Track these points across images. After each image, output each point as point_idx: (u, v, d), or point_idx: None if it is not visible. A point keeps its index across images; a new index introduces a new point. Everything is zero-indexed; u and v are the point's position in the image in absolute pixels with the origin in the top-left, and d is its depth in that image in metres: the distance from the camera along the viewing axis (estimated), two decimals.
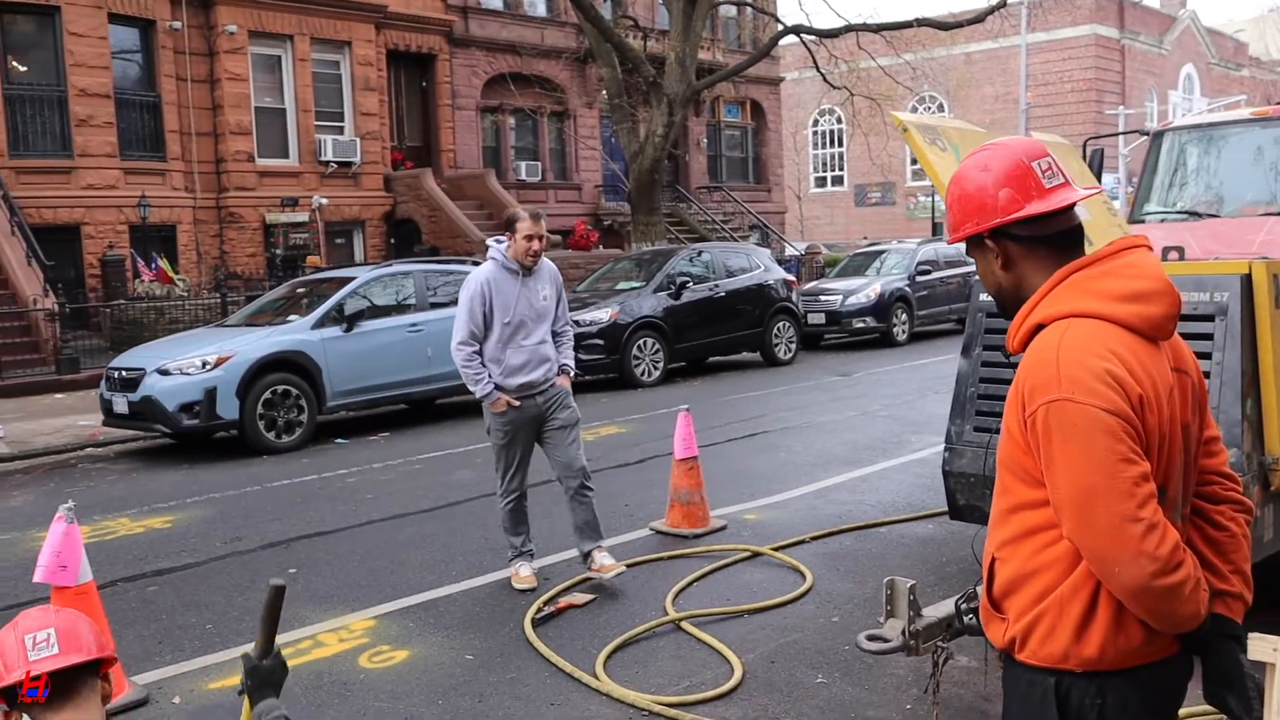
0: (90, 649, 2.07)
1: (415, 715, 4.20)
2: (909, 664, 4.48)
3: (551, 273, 5.72)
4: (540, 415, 5.62)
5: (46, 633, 2.04)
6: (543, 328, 5.60)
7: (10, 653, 2.02)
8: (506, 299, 5.49)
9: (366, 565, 6.26)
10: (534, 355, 5.54)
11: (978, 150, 2.02)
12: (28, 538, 7.22)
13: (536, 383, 5.58)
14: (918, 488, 7.65)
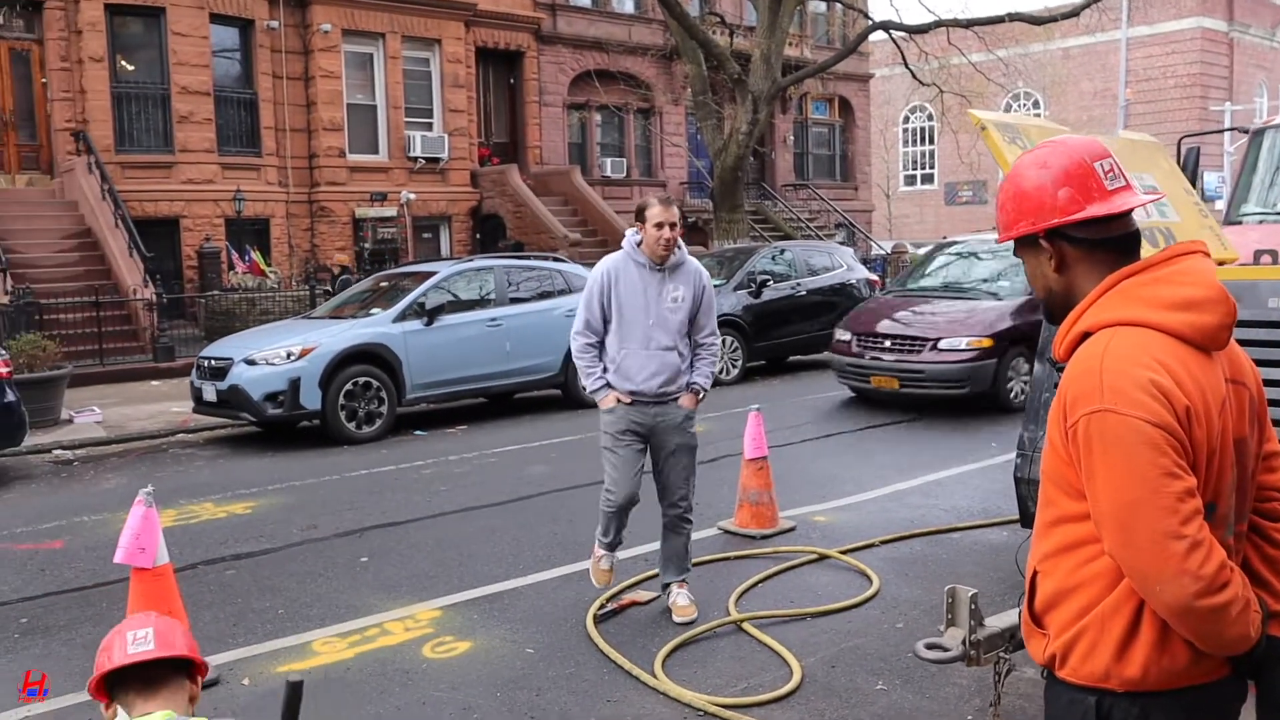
0: (180, 649, 2.28)
1: (473, 706, 4.25)
2: (972, 674, 4.40)
3: (694, 273, 5.06)
4: (653, 430, 5.04)
5: (146, 631, 2.28)
6: (669, 333, 4.96)
7: (115, 646, 2.26)
8: (628, 294, 4.96)
9: (436, 556, 6.36)
10: (654, 363, 4.95)
11: (1033, 149, 1.95)
12: (118, 519, 7.46)
13: (651, 394, 4.98)
14: (994, 493, 7.49)
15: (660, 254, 4.92)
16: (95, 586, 5.99)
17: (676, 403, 5.04)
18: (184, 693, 2.29)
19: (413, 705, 4.29)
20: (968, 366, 10.43)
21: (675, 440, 5.06)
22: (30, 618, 5.54)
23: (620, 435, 5.04)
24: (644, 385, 4.98)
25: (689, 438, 5.11)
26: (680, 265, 5.03)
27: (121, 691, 2.24)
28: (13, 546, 6.95)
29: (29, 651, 5.05)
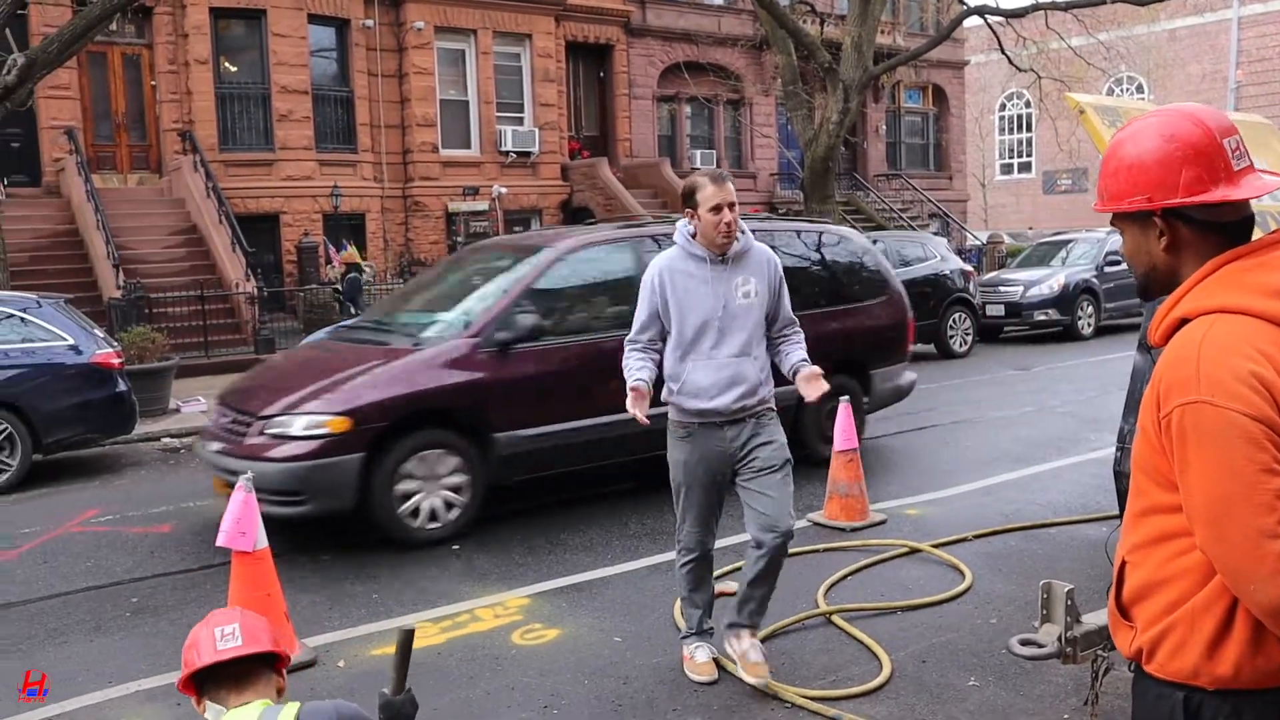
0: (266, 644, 2.34)
1: (561, 693, 4.29)
2: (1069, 672, 4.30)
3: (763, 260, 4.24)
4: (730, 454, 4.20)
5: (232, 627, 2.33)
6: (742, 335, 4.13)
7: (203, 643, 2.32)
8: (688, 294, 4.12)
9: (525, 545, 6.43)
10: (727, 373, 4.12)
11: (1154, 112, 1.81)
12: (221, 504, 7.70)
13: (726, 410, 4.13)
14: (1093, 488, 7.29)
15: (720, 243, 4.08)
16: (200, 569, 6.21)
17: (759, 420, 4.23)
18: (272, 685, 2.35)
19: (502, 691, 4.34)
20: (300, 468, 6.13)
21: (764, 454, 4.18)
22: (140, 597, 5.76)
23: (692, 467, 4.22)
24: (717, 402, 4.11)
25: (778, 448, 4.22)
26: (746, 252, 4.19)
27: (213, 687, 2.30)
28: (125, 529, 7.24)
29: (139, 630, 5.26)
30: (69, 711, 4.32)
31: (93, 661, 4.85)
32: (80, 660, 4.87)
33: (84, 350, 9.17)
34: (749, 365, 4.17)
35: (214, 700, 2.30)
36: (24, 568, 6.44)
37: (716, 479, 4.26)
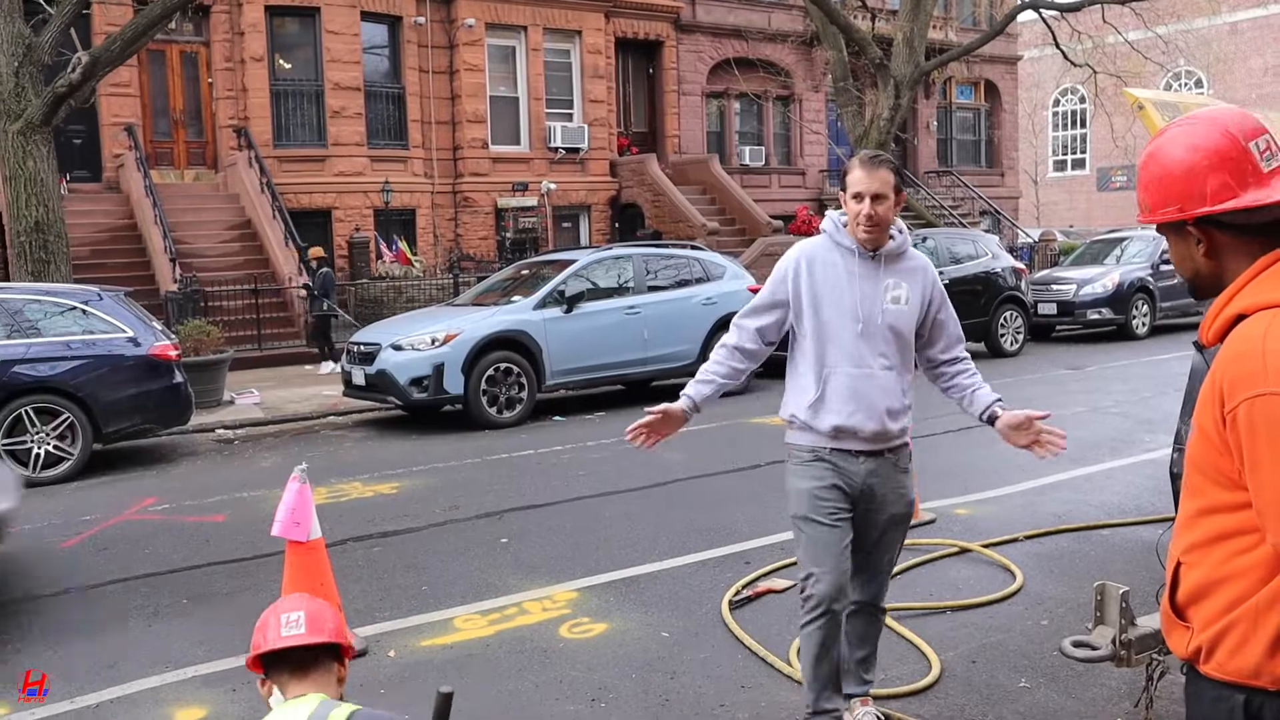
0: (330, 634, 2.37)
1: (608, 687, 4.31)
2: (1121, 675, 4.24)
3: (919, 267, 3.58)
4: (866, 492, 3.48)
5: (297, 614, 2.38)
6: (886, 345, 3.46)
7: (270, 627, 2.37)
8: (828, 287, 3.48)
9: (573, 539, 6.46)
10: (870, 388, 3.43)
11: (1180, 122, 1.84)
12: (274, 495, 7.82)
13: (863, 432, 3.43)
14: (1148, 490, 7.18)
15: (861, 235, 3.45)
16: (254, 559, 6.31)
17: (896, 458, 3.54)
18: (332, 674, 2.39)
19: (550, 684, 4.37)
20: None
21: (891, 509, 3.54)
22: (196, 586, 5.87)
23: (821, 498, 3.45)
24: (854, 421, 3.41)
25: (907, 505, 3.61)
26: (902, 254, 3.55)
27: (276, 670, 2.36)
28: (182, 518, 7.38)
29: (195, 616, 5.36)
30: (129, 695, 4.43)
31: (153, 646, 4.96)
32: (140, 645, 4.98)
33: (143, 342, 9.35)
34: (893, 381, 3.47)
35: (277, 683, 2.35)
36: (84, 554, 6.59)
37: (843, 514, 3.47)
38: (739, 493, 7.47)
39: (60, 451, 8.83)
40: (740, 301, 12.26)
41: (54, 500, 8.11)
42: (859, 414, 3.42)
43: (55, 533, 7.12)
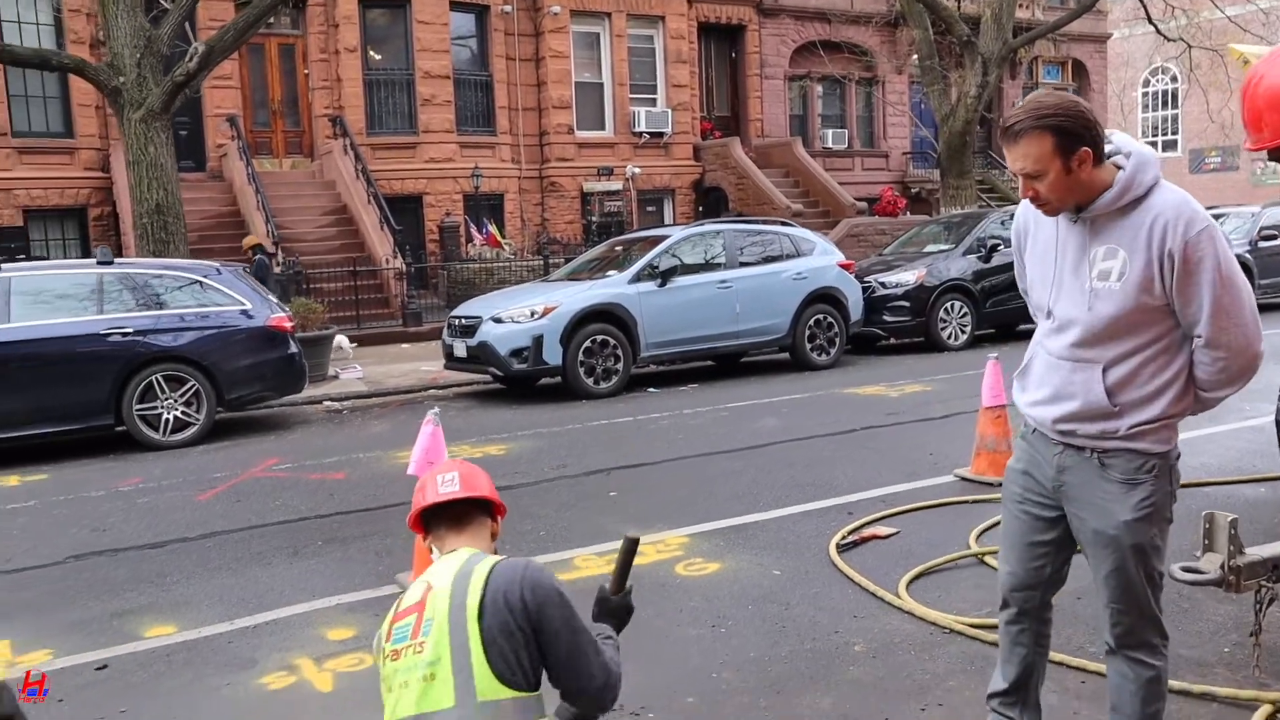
0: (483, 491, 2.61)
1: (727, 615, 4.56)
2: (1228, 611, 4.37)
3: (1148, 224, 2.62)
4: (1060, 492, 2.88)
5: (452, 474, 2.61)
6: (1084, 330, 2.74)
7: (428, 487, 2.61)
8: (1034, 256, 2.94)
9: (679, 493, 6.72)
10: (1057, 377, 2.84)
11: None
12: (389, 456, 8.27)
13: (1045, 424, 2.88)
14: (1249, 453, 7.19)
15: None
16: (379, 508, 6.69)
17: (1099, 457, 2.78)
18: (486, 529, 2.60)
19: (670, 612, 4.63)
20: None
21: (1092, 523, 2.81)
22: (328, 531, 6.26)
23: (1011, 477, 3.06)
24: (1037, 412, 2.92)
25: (1121, 528, 2.77)
26: (1124, 210, 2.68)
27: (435, 526, 2.58)
28: (304, 476, 7.80)
29: (332, 555, 5.74)
30: (281, 619, 4.81)
31: (296, 580, 5.34)
32: (285, 579, 5.37)
33: (260, 314, 9.83)
34: (1086, 379, 2.77)
35: (436, 538, 2.59)
36: (220, 505, 7.03)
37: (1032, 510, 2.96)
38: (837, 454, 7.65)
39: (187, 417, 9.35)
40: (830, 277, 12.43)
41: (184, 461, 8.62)
42: (1042, 406, 2.88)
43: (190, 488, 7.60)
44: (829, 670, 3.97)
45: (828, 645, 4.20)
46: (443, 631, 2.28)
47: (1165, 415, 2.73)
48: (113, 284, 9.39)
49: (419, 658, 2.28)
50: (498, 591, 2.31)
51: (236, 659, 4.39)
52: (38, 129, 19.06)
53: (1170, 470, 2.82)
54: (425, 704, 2.23)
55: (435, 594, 2.35)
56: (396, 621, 2.40)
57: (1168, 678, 2.95)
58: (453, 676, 2.23)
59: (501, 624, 2.29)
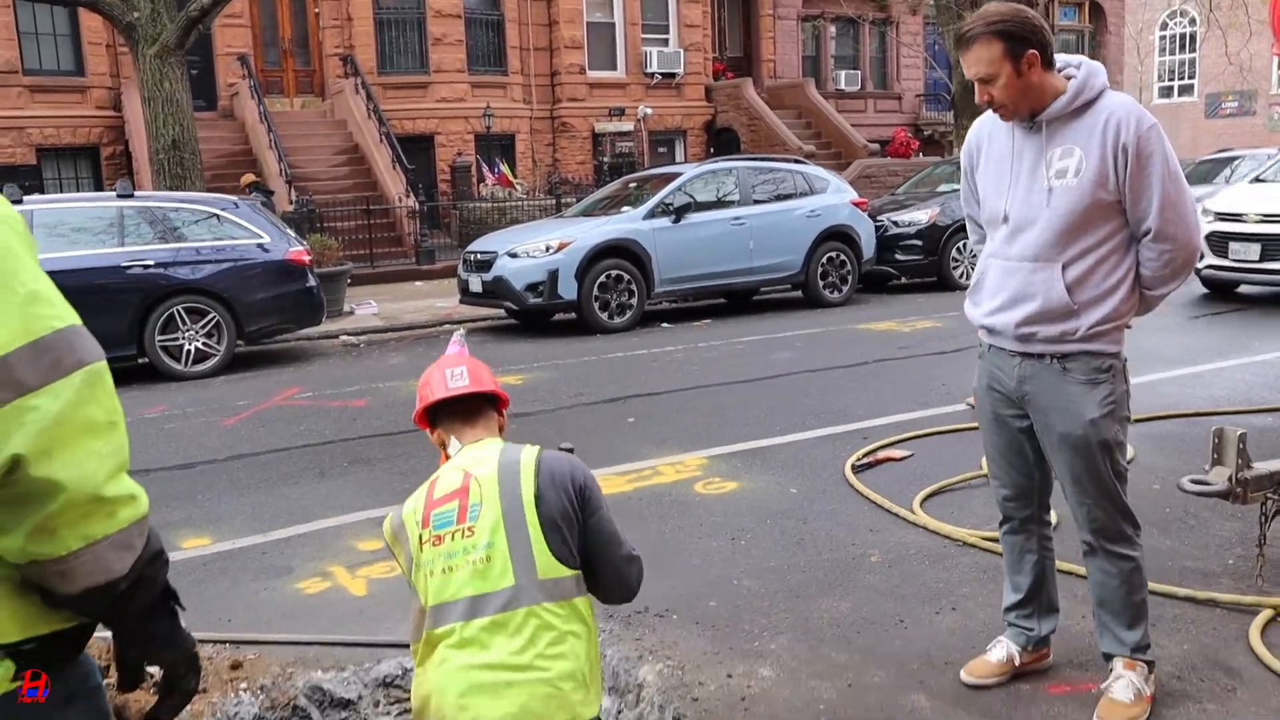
0: (490, 385, 2.65)
1: (746, 529, 4.70)
2: (1234, 527, 4.50)
3: (1101, 124, 2.81)
4: (1017, 396, 3.02)
5: (461, 369, 2.63)
6: (1042, 232, 2.86)
7: (435, 382, 2.63)
8: (988, 166, 3.05)
9: (696, 419, 6.85)
10: (1014, 282, 2.94)
11: None
12: (408, 385, 8.40)
13: (1007, 332, 2.97)
14: (1257, 385, 7.29)
15: None
16: (401, 433, 6.82)
17: (1059, 362, 2.91)
18: (494, 423, 2.62)
19: (691, 527, 4.77)
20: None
21: (1059, 427, 2.93)
22: (352, 453, 6.40)
23: (980, 396, 3.20)
24: (996, 320, 2.99)
25: (1088, 427, 2.89)
26: (1077, 113, 2.85)
27: (445, 420, 2.59)
28: (326, 404, 7.95)
29: (357, 475, 5.89)
30: (313, 531, 4.97)
31: (323, 497, 5.49)
32: (313, 496, 5.52)
33: (278, 248, 9.92)
34: (1049, 277, 2.86)
35: (447, 430, 2.59)
36: (245, 430, 7.18)
37: (1008, 422, 3.09)
38: (850, 384, 7.77)
39: (208, 348, 9.48)
40: (843, 215, 12.47)
41: (207, 391, 8.76)
42: (1002, 313, 2.97)
43: (214, 415, 7.74)
44: (846, 578, 4.11)
45: (844, 556, 4.34)
46: (494, 516, 2.36)
47: (1117, 314, 2.89)
48: (132, 217, 9.48)
49: (469, 541, 2.36)
50: (551, 478, 2.41)
51: (272, 567, 4.55)
52: (49, 67, 19.02)
53: (1123, 370, 2.98)
54: (482, 585, 2.30)
55: (479, 480, 2.43)
56: (435, 508, 2.49)
57: (1145, 567, 3.13)
58: (511, 558, 2.32)
59: (560, 510, 2.38)
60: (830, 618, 3.74)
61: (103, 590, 1.31)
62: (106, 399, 1.32)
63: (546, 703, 2.21)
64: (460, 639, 2.30)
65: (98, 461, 1.27)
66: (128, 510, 1.31)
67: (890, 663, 3.38)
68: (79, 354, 1.29)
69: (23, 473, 1.20)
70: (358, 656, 3.68)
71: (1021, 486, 3.18)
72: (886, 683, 3.25)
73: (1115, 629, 3.08)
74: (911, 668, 3.34)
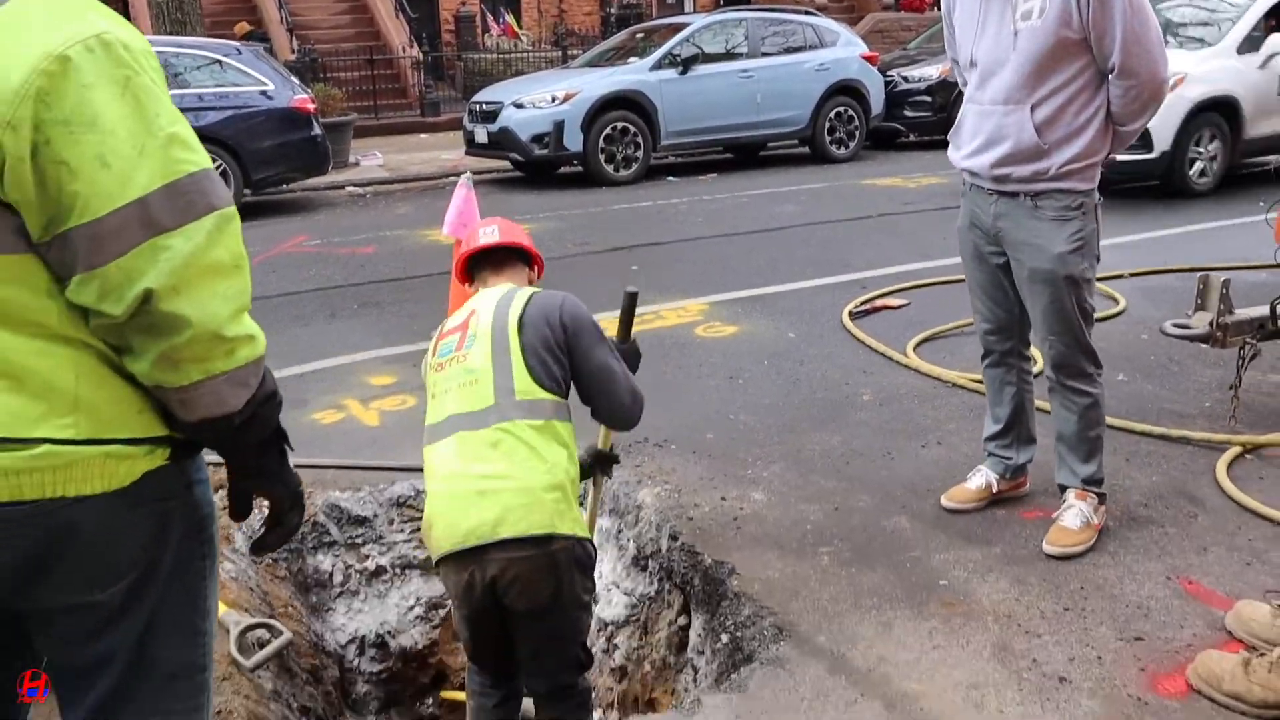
0: (520, 240, 2.85)
1: (743, 369, 4.88)
2: (1214, 374, 4.65)
3: None
4: (993, 233, 3.15)
5: (493, 226, 2.86)
6: (1009, 75, 2.96)
7: (470, 238, 2.86)
8: (964, 13, 3.13)
9: (698, 267, 6.97)
10: (988, 125, 3.05)
11: None
12: (414, 234, 8.51)
13: (983, 173, 3.10)
14: (1255, 244, 7.33)
15: None
16: (409, 278, 6.97)
17: (1031, 200, 3.03)
18: (524, 277, 2.83)
19: (691, 366, 4.95)
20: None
21: (1029, 262, 3.06)
22: (362, 297, 6.56)
23: (961, 234, 3.33)
24: (972, 161, 3.13)
25: (1055, 261, 3.01)
26: None
27: (478, 271, 2.83)
28: (334, 250, 8.06)
29: (367, 317, 6.05)
30: (326, 368, 5.15)
31: (336, 337, 5.67)
32: (325, 336, 5.69)
33: (282, 95, 9.87)
34: (1019, 119, 2.96)
35: (480, 282, 2.82)
36: (256, 275, 7.08)
37: (987, 259, 3.23)
38: (852, 236, 7.85)
39: None
40: (853, 70, 12.30)
41: None
42: (978, 155, 3.09)
43: None
44: (838, 415, 4.29)
45: (838, 395, 4.52)
46: (485, 344, 2.54)
47: (1088, 152, 2.97)
48: None
49: (462, 366, 2.55)
50: (537, 311, 2.56)
51: (288, 399, 4.65)
52: None
53: (1095, 209, 3.06)
54: (467, 404, 2.50)
55: (478, 315, 2.61)
56: (442, 339, 2.68)
57: (1104, 405, 3.26)
58: (493, 380, 2.50)
59: (541, 338, 2.54)
60: (821, 450, 3.94)
61: (219, 422, 1.42)
62: (234, 243, 1.40)
63: (522, 511, 2.39)
64: (443, 452, 2.49)
65: (222, 302, 1.36)
66: (246, 350, 1.40)
67: (876, 490, 3.58)
68: (210, 198, 1.36)
69: (153, 306, 1.29)
70: (372, 479, 3.89)
71: (1001, 321, 3.32)
72: (871, 506, 3.46)
73: (1071, 462, 3.23)
74: (895, 494, 3.54)
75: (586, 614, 2.69)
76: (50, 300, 1.31)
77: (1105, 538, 3.17)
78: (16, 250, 1.28)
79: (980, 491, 3.45)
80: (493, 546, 2.39)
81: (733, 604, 2.93)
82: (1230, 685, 2.41)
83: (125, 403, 1.39)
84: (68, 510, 1.36)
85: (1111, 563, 3.04)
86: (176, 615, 1.53)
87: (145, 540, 1.45)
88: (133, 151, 1.27)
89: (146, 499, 1.43)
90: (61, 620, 1.46)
